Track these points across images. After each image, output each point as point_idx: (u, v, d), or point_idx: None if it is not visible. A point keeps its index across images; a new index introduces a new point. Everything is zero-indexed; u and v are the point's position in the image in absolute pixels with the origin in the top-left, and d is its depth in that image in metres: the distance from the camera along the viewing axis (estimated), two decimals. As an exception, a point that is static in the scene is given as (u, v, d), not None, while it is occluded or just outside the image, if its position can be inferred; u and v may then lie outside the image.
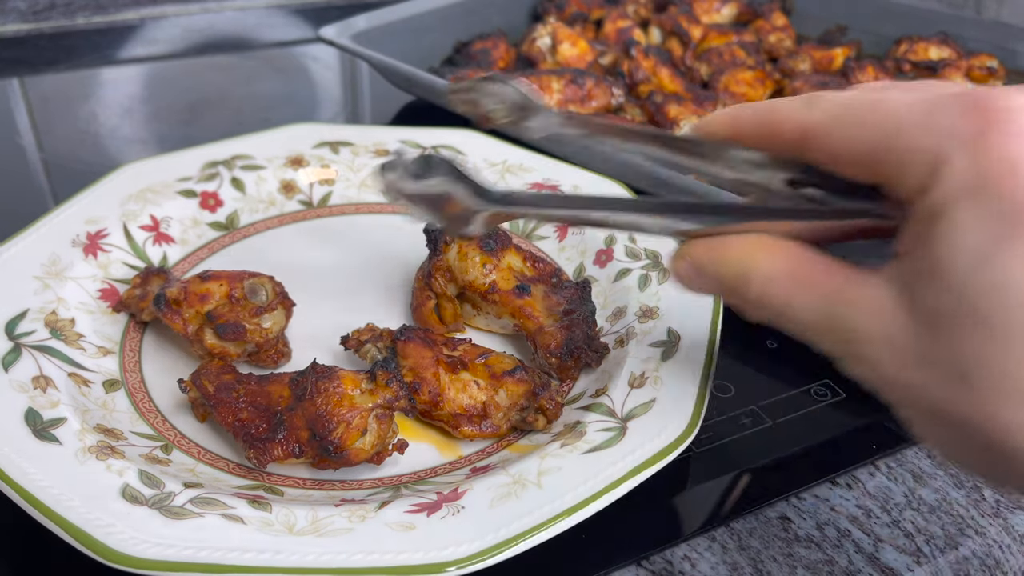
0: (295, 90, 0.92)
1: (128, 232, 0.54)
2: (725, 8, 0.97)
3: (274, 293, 0.49)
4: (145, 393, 0.46)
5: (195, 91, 0.90)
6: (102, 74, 0.93)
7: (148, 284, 0.50)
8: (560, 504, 0.36)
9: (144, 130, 0.82)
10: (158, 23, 1.05)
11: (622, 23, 0.91)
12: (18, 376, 0.42)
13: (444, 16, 0.89)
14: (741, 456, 0.45)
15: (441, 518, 0.37)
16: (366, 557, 0.34)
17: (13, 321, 0.45)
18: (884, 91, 0.30)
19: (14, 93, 0.87)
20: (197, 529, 0.35)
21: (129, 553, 0.33)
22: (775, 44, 0.92)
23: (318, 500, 0.39)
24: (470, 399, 0.44)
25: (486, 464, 0.42)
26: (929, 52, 0.86)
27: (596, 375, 0.47)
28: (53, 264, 0.50)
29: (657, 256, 0.53)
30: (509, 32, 0.91)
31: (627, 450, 0.39)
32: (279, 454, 0.40)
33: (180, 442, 0.43)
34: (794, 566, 0.39)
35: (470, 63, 0.85)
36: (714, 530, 0.41)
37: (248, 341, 0.46)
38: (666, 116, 0.73)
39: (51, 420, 0.40)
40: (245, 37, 1.06)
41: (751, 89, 0.81)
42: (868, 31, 0.93)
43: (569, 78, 0.76)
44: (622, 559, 0.39)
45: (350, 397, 0.41)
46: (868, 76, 0.80)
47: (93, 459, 0.38)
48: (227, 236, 0.58)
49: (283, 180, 0.61)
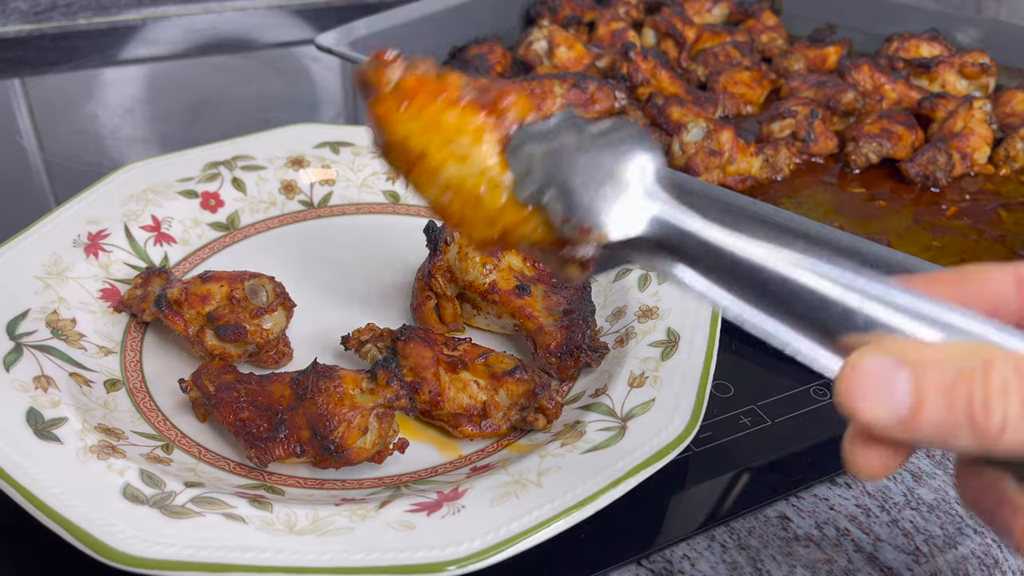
0: (296, 90, 0.92)
1: (129, 232, 0.54)
2: (716, 8, 0.98)
3: (274, 294, 0.49)
4: (146, 393, 0.46)
5: (196, 91, 0.90)
6: (103, 74, 0.93)
7: (149, 284, 0.50)
8: (560, 503, 0.36)
9: (145, 130, 0.82)
10: (159, 24, 1.05)
11: (615, 25, 0.91)
12: (19, 376, 0.42)
13: (439, 21, 0.89)
14: (740, 455, 0.45)
15: (441, 517, 0.37)
16: (367, 556, 0.34)
17: (14, 321, 0.46)
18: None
19: (16, 93, 0.87)
20: (198, 528, 0.35)
21: (130, 552, 0.33)
22: (767, 44, 0.92)
23: (319, 499, 0.39)
24: (470, 399, 0.44)
25: (486, 463, 0.42)
26: (920, 49, 0.86)
27: (596, 375, 0.47)
28: (54, 264, 0.50)
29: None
30: (502, 35, 0.91)
31: (627, 449, 0.39)
32: (280, 453, 0.40)
33: (181, 441, 0.43)
34: (793, 565, 0.40)
35: (467, 68, 0.85)
36: (714, 529, 0.41)
37: (249, 342, 0.47)
38: (669, 119, 0.73)
39: (52, 420, 0.40)
40: (246, 38, 1.06)
41: (749, 89, 0.81)
42: (856, 29, 0.94)
43: (572, 82, 0.76)
44: (622, 558, 0.39)
45: (351, 396, 0.41)
46: (864, 74, 0.80)
47: (94, 458, 0.38)
48: (228, 236, 0.58)
49: (284, 180, 0.61)
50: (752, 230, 0.30)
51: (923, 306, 0.27)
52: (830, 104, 0.76)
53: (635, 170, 0.31)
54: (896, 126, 0.72)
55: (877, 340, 0.26)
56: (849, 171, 0.72)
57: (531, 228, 0.31)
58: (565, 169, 0.31)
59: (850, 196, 0.68)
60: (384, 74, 0.33)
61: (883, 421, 0.26)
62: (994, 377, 0.25)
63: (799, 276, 0.28)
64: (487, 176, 0.32)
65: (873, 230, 0.63)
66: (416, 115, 0.32)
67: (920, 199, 0.68)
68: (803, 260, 0.28)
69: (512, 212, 0.31)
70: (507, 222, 0.32)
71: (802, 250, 0.29)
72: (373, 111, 0.33)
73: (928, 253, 0.60)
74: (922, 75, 0.83)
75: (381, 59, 0.33)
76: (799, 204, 0.67)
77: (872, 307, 0.27)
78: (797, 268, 0.28)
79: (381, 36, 0.82)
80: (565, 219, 0.30)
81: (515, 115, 0.32)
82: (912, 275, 0.30)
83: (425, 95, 0.33)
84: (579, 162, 0.31)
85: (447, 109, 0.32)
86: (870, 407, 0.26)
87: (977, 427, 0.25)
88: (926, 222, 0.65)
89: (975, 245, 0.62)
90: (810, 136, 0.72)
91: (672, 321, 0.48)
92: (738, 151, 0.68)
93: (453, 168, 0.32)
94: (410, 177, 0.33)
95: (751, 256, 0.29)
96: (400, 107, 0.33)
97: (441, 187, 0.32)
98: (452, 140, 0.32)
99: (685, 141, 0.68)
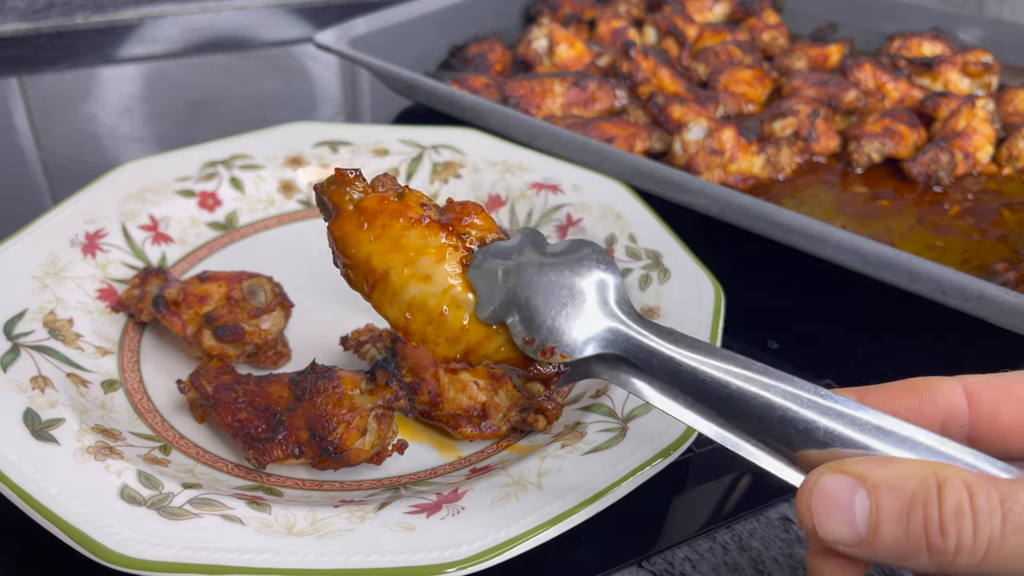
0: (294, 89, 0.92)
1: (127, 232, 0.54)
2: (717, 7, 0.97)
3: (273, 294, 0.48)
4: (144, 393, 0.46)
5: (194, 90, 0.90)
6: (101, 73, 0.93)
7: (147, 284, 0.49)
8: (561, 505, 0.36)
9: (143, 129, 0.81)
10: (157, 22, 1.05)
11: (616, 23, 0.91)
12: (16, 376, 0.42)
13: (438, 19, 0.89)
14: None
15: (441, 519, 0.36)
16: (365, 558, 0.34)
17: (11, 321, 0.45)
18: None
19: (13, 93, 0.87)
20: (196, 530, 0.35)
21: (128, 554, 0.33)
22: (769, 42, 0.92)
23: (317, 501, 0.39)
24: (470, 399, 0.44)
25: (486, 465, 0.42)
26: (923, 48, 0.86)
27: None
28: (52, 264, 0.50)
29: (658, 256, 0.53)
30: (502, 34, 0.91)
31: (627, 451, 0.39)
32: (279, 454, 0.40)
33: (179, 443, 0.43)
34: (795, 567, 0.39)
35: (467, 67, 0.85)
36: (715, 531, 0.41)
37: (247, 343, 0.46)
38: (670, 118, 0.73)
39: (49, 420, 0.40)
40: (244, 36, 1.06)
41: (750, 88, 0.81)
42: (858, 27, 0.94)
43: (572, 81, 0.76)
44: (623, 560, 0.39)
45: (350, 397, 0.41)
46: (866, 73, 0.80)
47: (92, 459, 0.38)
48: (226, 236, 0.57)
49: (282, 180, 0.61)
50: (711, 351, 0.31)
51: (878, 421, 0.28)
52: (832, 103, 0.76)
53: (596, 290, 0.32)
54: (898, 125, 0.72)
55: (835, 457, 0.28)
56: (851, 170, 0.71)
57: (495, 347, 0.32)
58: (527, 289, 0.31)
59: (852, 195, 0.68)
60: (346, 193, 0.33)
61: (843, 540, 0.27)
62: (947, 500, 0.25)
63: (759, 392, 0.29)
64: (450, 295, 0.32)
65: (875, 230, 0.63)
66: (378, 235, 0.33)
67: (923, 199, 0.68)
68: (761, 378, 0.30)
69: (475, 331, 0.32)
70: (470, 341, 0.32)
71: (759, 370, 0.30)
72: (334, 231, 0.34)
73: (931, 253, 0.60)
74: (924, 74, 0.82)
75: (343, 177, 0.34)
76: (801, 203, 0.66)
77: (831, 422, 0.28)
78: (756, 385, 0.29)
79: (380, 34, 0.82)
80: (528, 339, 0.31)
81: (477, 234, 0.33)
82: (864, 388, 0.31)
83: (386, 215, 0.33)
84: (541, 282, 0.31)
85: (409, 229, 0.33)
86: (830, 527, 0.27)
87: (933, 550, 0.25)
88: (929, 222, 0.64)
89: (978, 245, 0.61)
90: (812, 135, 0.72)
91: (673, 321, 0.47)
92: (739, 150, 0.67)
93: (416, 288, 0.32)
94: (372, 296, 0.34)
95: (712, 374, 0.30)
96: (361, 227, 0.33)
97: (403, 306, 0.33)
98: (414, 260, 0.32)
99: (686, 140, 0.67)
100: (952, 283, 0.49)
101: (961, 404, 0.30)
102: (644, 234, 0.54)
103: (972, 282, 0.48)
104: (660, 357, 0.31)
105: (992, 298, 0.48)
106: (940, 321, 0.53)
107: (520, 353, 0.32)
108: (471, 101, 0.69)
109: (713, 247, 0.55)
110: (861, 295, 0.57)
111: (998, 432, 0.30)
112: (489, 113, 0.68)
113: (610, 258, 0.33)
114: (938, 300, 0.50)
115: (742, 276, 0.54)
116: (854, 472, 0.26)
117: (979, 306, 0.48)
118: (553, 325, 0.31)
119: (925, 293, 0.50)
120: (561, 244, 0.33)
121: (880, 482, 0.26)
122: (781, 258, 0.58)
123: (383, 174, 0.35)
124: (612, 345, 0.31)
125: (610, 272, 0.32)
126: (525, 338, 0.31)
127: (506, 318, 0.31)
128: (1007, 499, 0.25)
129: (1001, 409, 0.30)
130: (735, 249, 0.59)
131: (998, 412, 0.30)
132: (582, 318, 0.31)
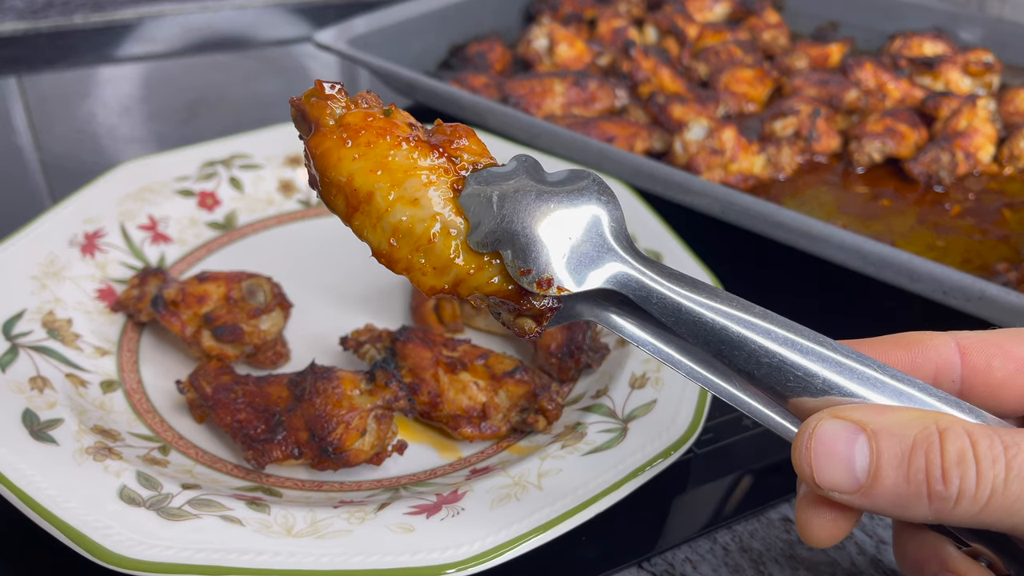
0: (294, 88, 0.91)
1: (126, 232, 0.54)
2: (718, 6, 0.97)
3: (272, 294, 0.48)
4: (143, 394, 0.46)
5: (193, 90, 0.90)
6: (100, 73, 0.93)
7: (146, 284, 0.49)
8: (561, 506, 0.36)
9: (142, 129, 0.81)
10: (156, 22, 1.04)
11: (616, 22, 0.90)
12: (15, 376, 0.42)
13: (437, 18, 0.88)
14: (743, 457, 0.44)
15: (441, 520, 0.36)
16: (365, 559, 0.34)
17: (10, 321, 0.45)
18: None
19: (11, 92, 0.86)
20: (195, 531, 0.35)
21: (126, 555, 0.33)
22: (770, 42, 0.92)
23: (317, 502, 0.39)
24: (470, 400, 0.44)
25: (486, 465, 0.42)
26: (924, 47, 0.86)
27: (597, 376, 0.47)
28: (50, 264, 0.49)
29: (658, 256, 0.52)
30: (502, 33, 0.91)
31: (628, 451, 0.39)
32: (278, 455, 0.40)
33: (178, 443, 0.43)
34: (796, 568, 0.39)
35: (467, 66, 0.85)
36: (716, 532, 0.41)
37: (246, 343, 0.46)
38: (671, 117, 0.73)
39: (48, 421, 0.40)
40: (243, 35, 1.06)
41: (751, 88, 0.81)
42: (859, 27, 0.93)
43: (572, 80, 0.76)
44: (623, 561, 0.39)
45: (349, 398, 0.41)
46: (867, 72, 0.80)
47: (90, 460, 0.38)
48: (225, 236, 0.57)
49: (281, 179, 0.60)
50: (710, 292, 0.30)
51: (876, 372, 0.27)
52: (833, 102, 0.76)
53: (596, 222, 0.30)
54: (899, 125, 0.72)
55: (830, 404, 0.27)
56: (852, 170, 0.71)
57: (486, 278, 0.30)
58: (524, 217, 0.29)
59: (853, 195, 0.68)
60: (327, 107, 0.31)
61: (841, 487, 0.26)
62: (949, 447, 0.25)
63: (758, 338, 0.28)
64: (439, 221, 0.30)
65: (876, 229, 0.63)
66: (362, 153, 0.30)
67: (924, 198, 0.68)
68: (762, 323, 0.29)
69: (466, 260, 0.30)
70: (460, 271, 0.30)
71: (760, 315, 0.29)
72: (312, 147, 0.31)
73: (932, 253, 0.60)
74: (926, 73, 0.82)
75: (322, 91, 0.31)
76: (802, 203, 0.66)
77: (829, 371, 0.27)
78: (757, 331, 0.29)
79: (380, 34, 0.82)
80: (524, 270, 0.29)
81: (469, 158, 0.31)
82: (858, 341, 0.31)
83: (371, 132, 0.30)
84: (539, 210, 0.29)
85: (396, 148, 0.30)
86: (828, 473, 0.26)
87: (934, 497, 0.25)
88: (930, 221, 0.64)
89: (979, 244, 0.61)
90: (813, 135, 0.71)
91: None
92: (740, 150, 0.67)
93: (402, 211, 0.30)
94: (353, 219, 0.31)
95: (712, 316, 0.29)
96: (344, 144, 0.30)
97: (388, 231, 0.30)
98: (401, 182, 0.30)
99: (687, 140, 0.67)
100: (953, 283, 0.49)
101: (954, 359, 0.30)
102: (644, 234, 0.54)
103: (973, 282, 0.48)
104: (660, 295, 0.29)
105: (993, 298, 0.48)
106: (941, 321, 0.53)
107: (513, 286, 0.30)
108: (471, 100, 0.69)
109: (713, 247, 0.55)
110: (862, 295, 0.56)
111: (989, 388, 0.30)
112: (489, 112, 0.68)
113: (611, 191, 0.31)
114: (939, 300, 0.50)
115: (742, 276, 0.53)
116: (854, 418, 0.26)
117: (980, 306, 0.48)
118: (551, 256, 0.29)
119: (926, 293, 0.50)
120: (560, 173, 0.31)
121: (881, 428, 0.25)
122: (782, 258, 0.58)
123: (366, 91, 0.32)
124: (612, 280, 0.30)
125: (612, 205, 0.30)
126: (520, 268, 0.29)
127: (500, 247, 0.29)
128: (1010, 447, 0.25)
129: (993, 365, 0.30)
130: (735, 249, 0.59)
131: (990, 368, 0.30)
132: (582, 250, 0.30)
